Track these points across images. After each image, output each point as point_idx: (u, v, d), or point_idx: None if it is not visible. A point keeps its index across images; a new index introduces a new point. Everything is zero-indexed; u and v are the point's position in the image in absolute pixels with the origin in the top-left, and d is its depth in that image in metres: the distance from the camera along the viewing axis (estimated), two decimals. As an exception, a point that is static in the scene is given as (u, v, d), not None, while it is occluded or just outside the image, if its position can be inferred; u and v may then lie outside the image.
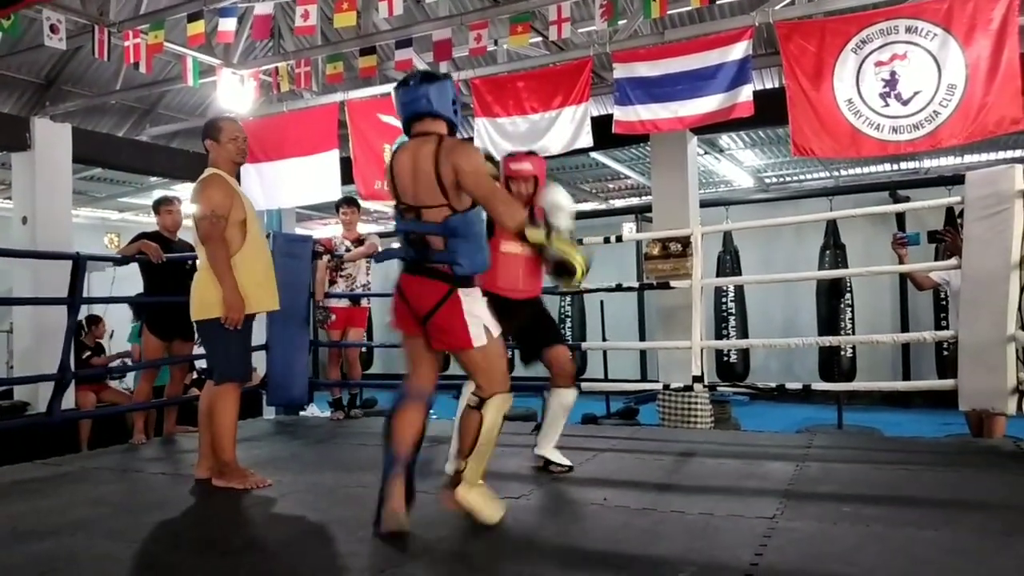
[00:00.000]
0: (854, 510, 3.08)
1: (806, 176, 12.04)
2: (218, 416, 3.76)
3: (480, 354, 2.91)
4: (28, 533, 3.12)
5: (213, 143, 3.91)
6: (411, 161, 2.88)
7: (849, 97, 5.42)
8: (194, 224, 3.80)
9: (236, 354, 3.83)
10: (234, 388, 3.82)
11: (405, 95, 2.96)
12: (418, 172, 2.85)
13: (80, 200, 11.06)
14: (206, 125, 4.06)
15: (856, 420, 8.28)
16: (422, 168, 2.83)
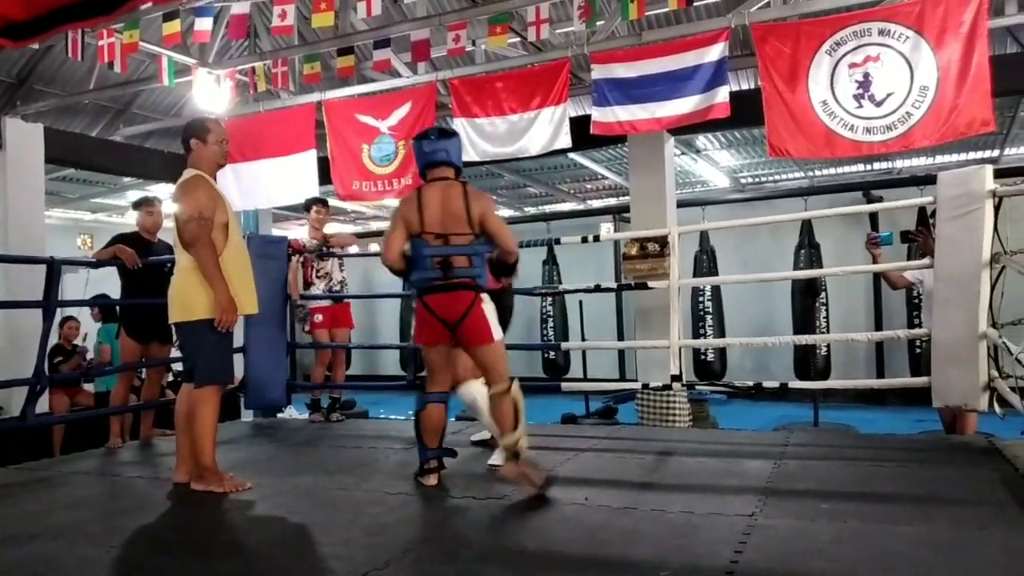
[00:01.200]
0: (831, 506, 3.13)
1: (781, 176, 12.17)
2: (199, 419, 3.71)
3: (498, 348, 3.62)
4: (7, 538, 3.08)
5: (199, 143, 3.86)
6: (440, 199, 3.57)
7: (824, 98, 5.49)
8: (177, 226, 3.74)
9: (220, 357, 3.80)
10: (216, 391, 3.78)
11: (428, 146, 3.67)
12: (447, 208, 3.56)
13: (52, 201, 10.90)
14: (192, 124, 3.99)
15: (832, 418, 8.38)
16: (452, 206, 3.56)
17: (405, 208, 3.63)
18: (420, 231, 3.56)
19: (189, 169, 3.86)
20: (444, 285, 3.54)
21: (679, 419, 6.85)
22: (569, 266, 12.13)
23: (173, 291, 3.81)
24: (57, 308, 4.95)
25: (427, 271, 3.56)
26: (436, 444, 3.72)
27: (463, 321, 3.53)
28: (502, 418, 3.54)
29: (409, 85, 7.01)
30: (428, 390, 3.72)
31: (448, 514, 3.34)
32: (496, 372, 3.59)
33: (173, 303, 3.79)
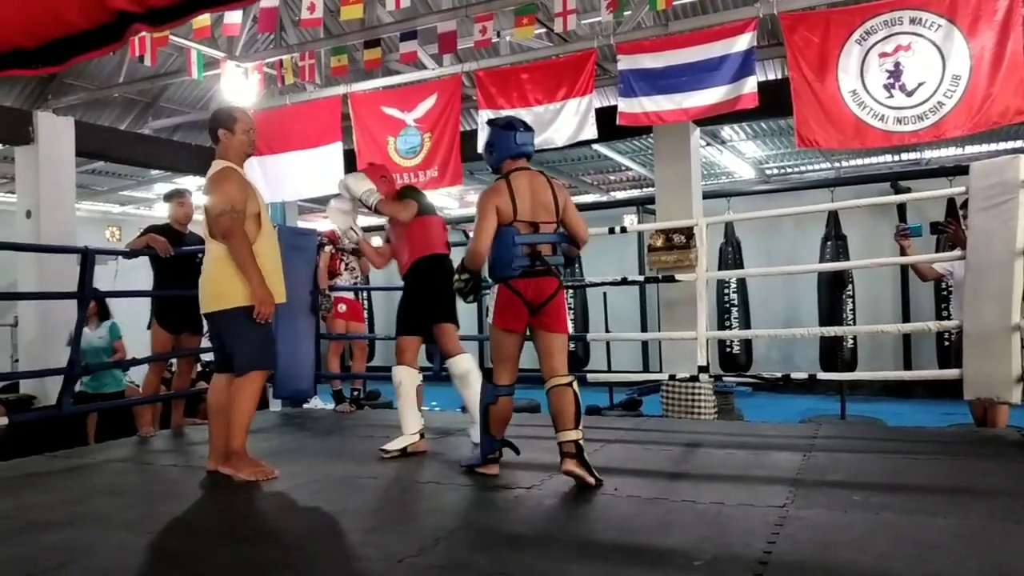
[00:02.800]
0: (863, 498, 3.11)
1: (807, 167, 12.05)
2: (240, 403, 3.73)
3: (566, 339, 3.73)
4: (45, 524, 3.15)
5: (227, 133, 3.83)
6: (529, 189, 3.65)
7: (853, 88, 5.43)
8: (208, 219, 3.74)
9: (262, 344, 3.81)
10: (258, 377, 3.81)
11: (521, 137, 3.76)
12: (537, 198, 3.64)
13: (82, 193, 11.04)
14: (219, 114, 3.96)
15: (858, 410, 8.31)
16: (542, 196, 3.65)
17: (498, 198, 3.62)
18: (513, 219, 3.60)
19: (218, 161, 3.85)
20: (533, 271, 3.61)
21: (705, 411, 6.83)
22: (591, 258, 12.10)
23: (205, 281, 3.80)
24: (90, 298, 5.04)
25: (517, 258, 3.59)
26: (502, 435, 3.77)
27: (547, 305, 3.61)
28: (564, 412, 3.54)
29: (434, 77, 7.03)
30: (498, 382, 3.70)
31: (479, 502, 3.36)
32: (562, 362, 3.67)
33: (205, 293, 3.79)
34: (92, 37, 2.05)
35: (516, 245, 3.59)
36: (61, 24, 2.03)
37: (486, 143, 3.84)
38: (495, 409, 3.69)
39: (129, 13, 1.96)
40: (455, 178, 6.71)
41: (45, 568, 2.61)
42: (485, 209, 3.61)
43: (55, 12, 2.00)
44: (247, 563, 2.69)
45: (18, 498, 3.64)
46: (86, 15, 1.99)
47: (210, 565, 2.66)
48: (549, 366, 3.65)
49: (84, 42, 2.07)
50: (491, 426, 3.72)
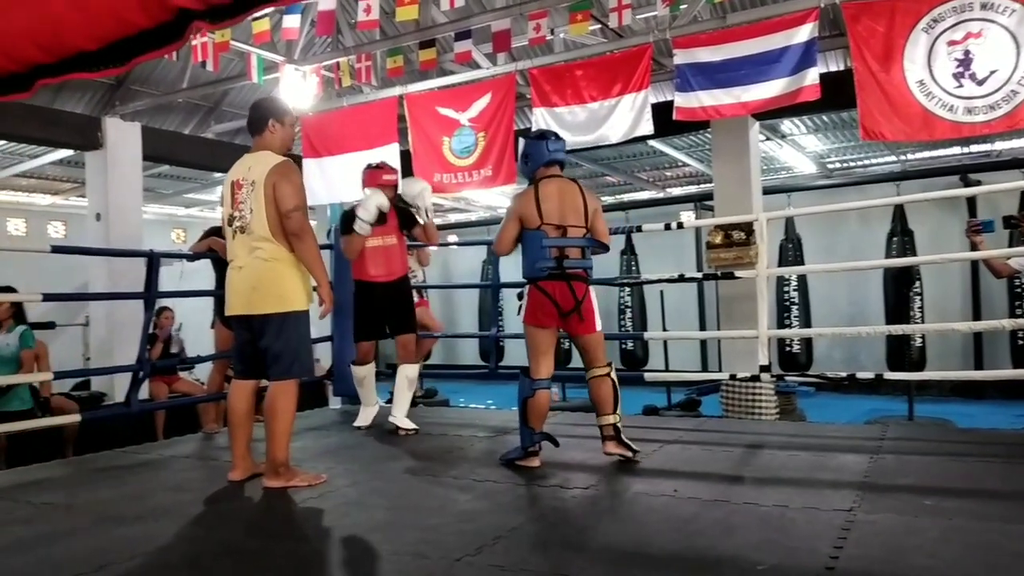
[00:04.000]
0: (935, 503, 3.01)
1: (871, 161, 11.70)
2: (282, 413, 3.60)
3: (601, 336, 3.97)
4: (114, 518, 3.24)
5: (278, 124, 3.70)
6: (559, 194, 3.84)
7: (920, 78, 5.24)
8: (279, 213, 3.53)
9: (309, 349, 3.78)
10: (296, 384, 3.68)
11: (553, 145, 3.94)
12: (567, 203, 3.84)
13: (148, 197, 11.37)
14: (270, 103, 3.83)
15: (927, 411, 8.05)
16: (573, 201, 3.85)
17: (521, 204, 3.86)
18: (539, 223, 3.80)
19: (268, 152, 3.64)
20: (560, 274, 3.80)
21: (766, 411, 6.70)
22: (647, 255, 12.00)
23: (261, 281, 3.57)
24: (156, 299, 5.19)
25: (544, 260, 3.79)
26: (541, 428, 3.88)
27: (576, 309, 3.82)
28: (604, 399, 3.88)
29: (489, 76, 7.03)
30: (535, 376, 3.86)
31: (537, 502, 3.35)
32: (599, 357, 3.94)
33: (268, 293, 3.58)
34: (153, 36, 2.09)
35: (543, 248, 3.80)
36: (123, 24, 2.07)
37: (521, 154, 4.05)
38: (533, 402, 3.83)
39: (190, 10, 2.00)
40: (509, 177, 6.70)
41: (117, 560, 2.68)
42: (509, 214, 3.91)
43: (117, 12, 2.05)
44: (307, 560, 2.73)
45: (92, 492, 3.76)
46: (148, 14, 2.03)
47: (271, 561, 2.70)
48: (588, 359, 3.96)
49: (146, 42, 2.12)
50: (530, 419, 3.84)
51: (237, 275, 3.64)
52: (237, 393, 3.80)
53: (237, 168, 3.70)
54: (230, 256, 3.70)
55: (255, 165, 3.60)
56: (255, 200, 3.54)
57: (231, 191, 3.65)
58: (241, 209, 3.59)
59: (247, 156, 3.70)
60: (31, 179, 10.64)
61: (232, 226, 3.65)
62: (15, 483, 4.02)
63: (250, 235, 3.57)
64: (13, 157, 9.47)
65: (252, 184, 3.56)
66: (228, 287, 3.70)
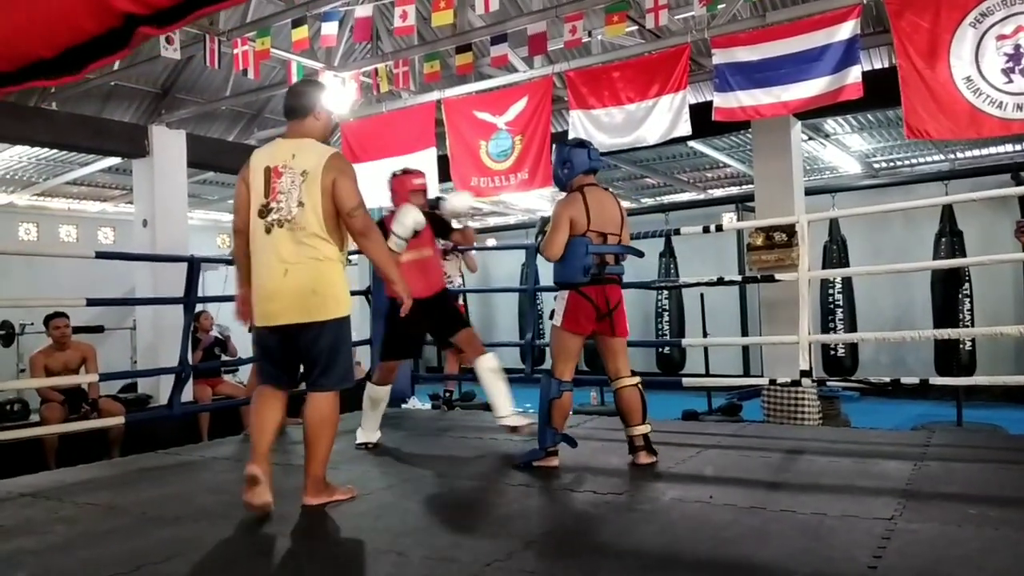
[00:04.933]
0: (980, 512, 2.92)
1: (918, 160, 11.40)
2: (333, 427, 3.34)
3: (626, 341, 4.08)
4: (155, 518, 3.31)
5: (323, 112, 3.40)
6: (599, 202, 3.95)
7: (968, 74, 5.10)
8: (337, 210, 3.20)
9: (352, 358, 3.61)
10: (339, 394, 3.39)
11: (595, 154, 4.07)
12: (606, 211, 3.96)
13: (194, 203, 11.59)
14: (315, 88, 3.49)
15: (976, 417, 7.81)
16: (611, 209, 3.99)
17: (572, 209, 3.89)
18: (586, 229, 3.88)
19: (312, 140, 3.31)
20: (600, 279, 3.91)
21: (808, 417, 6.57)
22: (687, 258, 11.86)
23: (320, 284, 3.21)
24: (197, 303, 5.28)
25: (588, 266, 3.87)
26: (563, 429, 3.96)
27: (614, 312, 3.96)
28: (635, 409, 3.95)
29: (525, 80, 7.03)
30: (562, 378, 3.93)
31: (570, 508, 3.33)
32: (626, 363, 4.04)
33: (324, 297, 3.22)
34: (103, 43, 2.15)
35: (588, 254, 3.87)
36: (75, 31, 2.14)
37: (560, 160, 4.07)
38: (559, 403, 3.90)
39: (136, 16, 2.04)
40: (545, 180, 6.67)
41: (154, 560, 2.73)
42: (560, 219, 3.88)
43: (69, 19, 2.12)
44: (340, 561, 2.74)
45: (134, 493, 3.84)
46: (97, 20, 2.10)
47: (305, 562, 2.73)
48: (614, 367, 4.03)
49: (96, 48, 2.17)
50: (554, 419, 3.91)
51: (282, 278, 3.19)
52: (272, 404, 3.37)
53: (272, 153, 3.29)
54: (261, 254, 3.24)
55: (302, 153, 3.23)
56: (307, 192, 3.17)
57: (265, 178, 3.23)
58: (282, 200, 3.19)
59: (283, 141, 3.34)
60: (81, 186, 10.92)
61: (266, 218, 3.21)
62: (61, 483, 4.12)
63: (299, 231, 3.17)
64: (64, 165, 9.73)
65: (303, 174, 3.18)
66: (265, 290, 3.24)
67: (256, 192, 3.25)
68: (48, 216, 11.44)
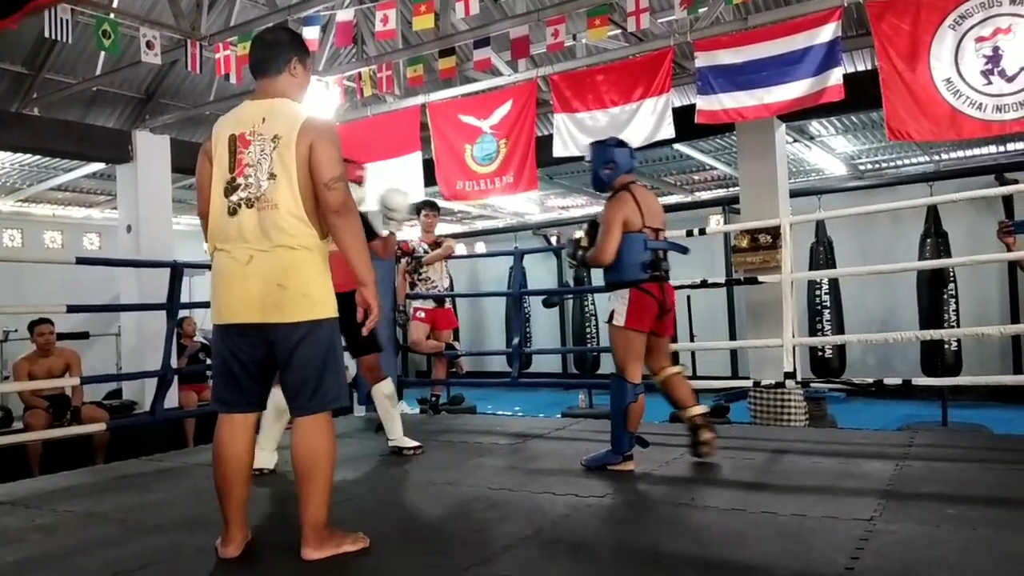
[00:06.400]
0: (960, 512, 2.92)
1: (904, 161, 11.48)
2: (329, 458, 2.69)
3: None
4: (133, 527, 3.27)
5: (300, 66, 2.75)
6: (645, 200, 3.98)
7: (947, 76, 5.13)
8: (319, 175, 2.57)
9: (343, 371, 2.83)
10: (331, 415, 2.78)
11: (632, 154, 4.14)
12: (654, 208, 4.02)
13: (180, 208, 11.54)
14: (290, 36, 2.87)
15: (962, 417, 7.85)
16: (656, 206, 4.06)
17: (626, 208, 3.89)
18: (641, 227, 3.90)
19: (287, 100, 2.67)
20: (659, 275, 3.94)
21: (794, 418, 6.59)
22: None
23: (290, 276, 2.58)
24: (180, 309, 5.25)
25: (648, 263, 3.88)
26: (636, 431, 3.97)
27: (672, 309, 4.04)
28: (690, 393, 4.10)
29: (510, 83, 7.03)
30: (633, 380, 3.90)
31: (550, 512, 3.31)
32: (670, 356, 4.20)
33: (295, 293, 2.59)
34: None
35: (647, 250, 3.88)
36: None
37: (603, 161, 4.04)
38: (635, 407, 3.90)
39: None
40: (530, 183, 6.68)
41: (129, 569, 2.70)
42: (614, 220, 3.86)
43: None
44: (316, 566, 2.72)
45: (113, 500, 3.80)
46: None
47: (282, 570, 2.70)
48: (660, 361, 4.11)
49: None
50: (630, 423, 3.90)
51: (241, 267, 2.58)
52: (235, 434, 2.71)
53: (238, 118, 2.66)
54: (221, 238, 2.65)
55: (272, 116, 2.61)
56: (279, 163, 2.56)
57: (230, 148, 2.61)
58: (250, 175, 2.57)
59: (251, 104, 2.68)
60: (66, 192, 10.87)
61: (231, 197, 2.60)
62: (41, 490, 4.08)
63: (269, 210, 2.56)
64: (48, 171, 9.68)
65: (274, 140, 2.57)
66: (222, 283, 2.65)
67: (220, 166, 2.63)
68: (33, 222, 11.39)
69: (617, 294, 3.89)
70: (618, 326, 3.88)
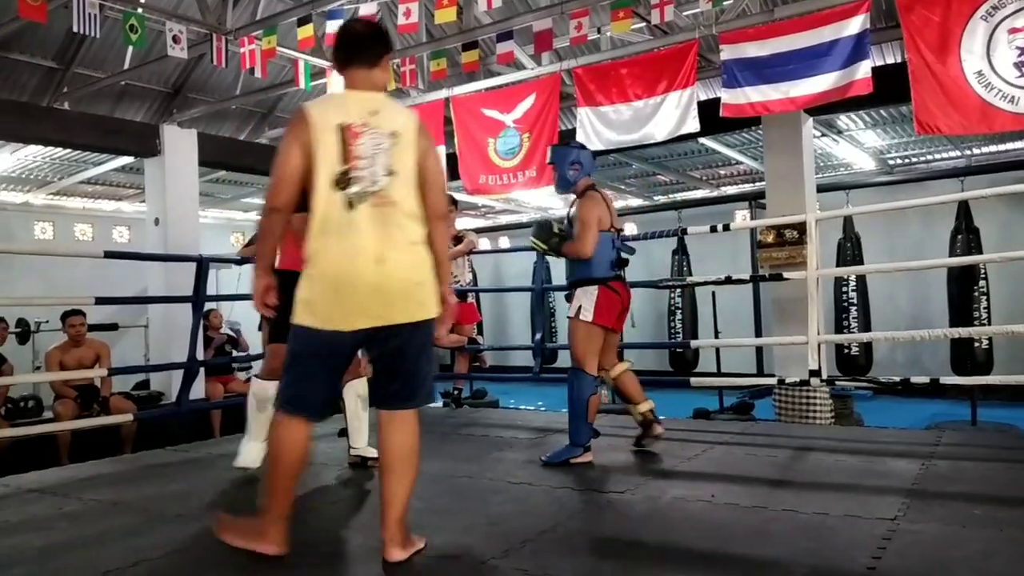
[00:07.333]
0: (986, 512, 2.87)
1: (934, 156, 11.29)
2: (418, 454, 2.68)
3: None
4: (157, 516, 3.32)
5: (389, 60, 2.70)
6: (608, 201, 4.14)
7: (979, 69, 5.03)
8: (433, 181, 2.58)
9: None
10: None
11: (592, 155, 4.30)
12: (613, 209, 4.18)
13: (207, 202, 11.67)
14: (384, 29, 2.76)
15: (992, 417, 7.71)
16: (613, 207, 4.19)
17: (599, 208, 4.04)
18: (610, 226, 4.08)
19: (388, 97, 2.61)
20: (619, 275, 4.11)
21: (820, 416, 6.52)
22: (701, 256, 11.80)
23: (424, 275, 2.53)
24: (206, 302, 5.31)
25: (614, 261, 4.07)
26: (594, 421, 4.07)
27: (629, 306, 4.17)
28: (635, 389, 4.21)
29: (533, 77, 7.01)
30: (593, 373, 4.02)
31: (570, 506, 3.31)
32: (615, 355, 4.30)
33: (429, 291, 2.55)
34: None
35: (614, 249, 4.07)
36: None
37: (570, 162, 4.14)
38: (595, 399, 4.00)
39: None
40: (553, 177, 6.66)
41: (151, 557, 2.74)
42: (591, 218, 3.99)
43: None
44: (337, 559, 2.74)
45: (138, 490, 3.85)
46: None
47: (302, 560, 2.72)
48: (611, 357, 4.23)
49: None
50: (591, 415, 3.99)
51: (376, 267, 2.42)
52: (305, 447, 2.59)
53: (345, 107, 2.51)
54: (336, 236, 2.42)
55: (386, 111, 2.51)
56: (399, 160, 2.48)
57: (342, 138, 2.44)
58: (363, 168, 2.43)
59: (354, 94, 2.57)
60: (96, 185, 11.02)
61: (348, 189, 2.42)
62: (69, 479, 4.15)
63: (389, 207, 2.45)
64: (78, 165, 9.82)
65: (392, 136, 2.48)
66: (349, 283, 2.42)
67: (327, 156, 2.43)
68: (64, 215, 11.55)
69: (585, 290, 4.03)
70: (585, 321, 4.00)
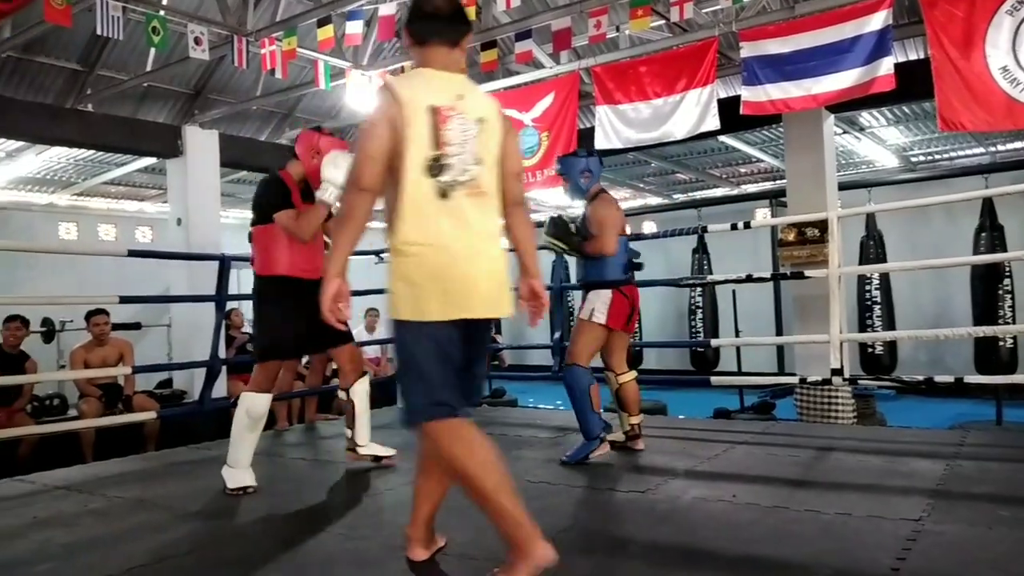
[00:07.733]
0: (1013, 513, 2.83)
1: (958, 153, 11.17)
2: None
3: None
4: (178, 513, 3.35)
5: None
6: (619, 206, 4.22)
7: (1004, 64, 4.97)
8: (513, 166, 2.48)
9: None
10: None
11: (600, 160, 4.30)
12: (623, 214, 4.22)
13: (229, 202, 11.75)
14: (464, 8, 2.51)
15: (1018, 417, 7.61)
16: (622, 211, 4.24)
17: (615, 212, 4.12)
18: (622, 231, 4.15)
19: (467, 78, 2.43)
20: (632, 277, 4.20)
21: (842, 415, 6.46)
22: (721, 254, 11.73)
23: (504, 267, 2.36)
24: (228, 300, 5.35)
25: (626, 264, 4.15)
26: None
27: (638, 308, 4.22)
28: (636, 400, 4.24)
29: (552, 76, 7.00)
30: (588, 366, 4.05)
31: (588, 505, 3.31)
32: (625, 358, 4.28)
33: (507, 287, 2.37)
34: None
35: (625, 252, 4.15)
36: None
37: (580, 170, 4.18)
38: (595, 387, 4.04)
39: None
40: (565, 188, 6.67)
41: (175, 554, 2.77)
42: (611, 219, 4.05)
43: None
44: (356, 557, 2.75)
45: (162, 487, 3.90)
46: None
47: (322, 558, 2.74)
48: (620, 361, 4.24)
49: None
50: (595, 403, 4.00)
51: (477, 257, 2.29)
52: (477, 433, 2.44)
53: (433, 88, 2.29)
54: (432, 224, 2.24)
55: (472, 95, 2.34)
56: (485, 147, 2.32)
57: (433, 121, 2.23)
58: (453, 155, 2.25)
59: (437, 74, 2.33)
60: (119, 186, 11.16)
61: (441, 178, 2.23)
62: (95, 476, 4.20)
63: (479, 196, 2.31)
64: (101, 166, 9.94)
65: (479, 123, 2.30)
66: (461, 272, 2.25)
67: (417, 139, 2.23)
68: (87, 216, 11.69)
69: (598, 294, 4.07)
70: (596, 323, 4.04)
